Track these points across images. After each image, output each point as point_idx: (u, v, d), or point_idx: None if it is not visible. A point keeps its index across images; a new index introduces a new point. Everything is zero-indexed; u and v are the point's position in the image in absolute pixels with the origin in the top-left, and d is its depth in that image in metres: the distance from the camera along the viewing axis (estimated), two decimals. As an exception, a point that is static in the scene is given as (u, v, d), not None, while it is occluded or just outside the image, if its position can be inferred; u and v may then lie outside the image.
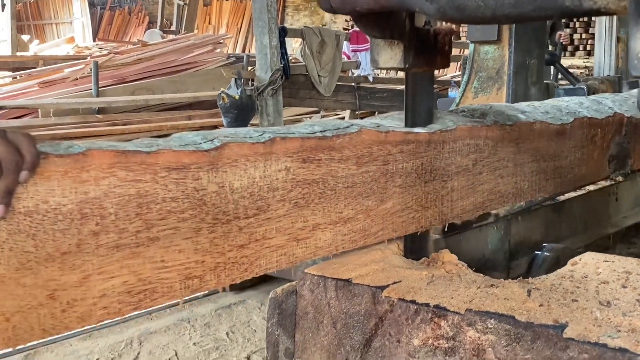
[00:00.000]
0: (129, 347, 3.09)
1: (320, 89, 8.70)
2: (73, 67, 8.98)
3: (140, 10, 20.07)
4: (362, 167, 1.46)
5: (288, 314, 1.63)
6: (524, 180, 1.97)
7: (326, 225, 1.40)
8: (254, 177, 1.26)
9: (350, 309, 1.54)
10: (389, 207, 1.55)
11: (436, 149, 1.65)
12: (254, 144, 1.26)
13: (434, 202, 1.67)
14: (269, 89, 6.67)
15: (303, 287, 1.62)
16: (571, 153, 2.18)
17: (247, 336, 3.20)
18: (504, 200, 1.91)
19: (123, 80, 8.67)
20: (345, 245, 1.46)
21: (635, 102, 2.62)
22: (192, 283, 1.18)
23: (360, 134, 1.45)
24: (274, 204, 1.30)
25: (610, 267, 1.64)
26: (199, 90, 8.71)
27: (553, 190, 2.13)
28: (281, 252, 1.33)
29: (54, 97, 8.08)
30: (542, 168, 2.04)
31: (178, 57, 9.36)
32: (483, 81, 3.75)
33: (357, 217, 1.47)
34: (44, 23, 20.54)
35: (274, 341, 1.65)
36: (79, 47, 14.95)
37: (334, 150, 1.39)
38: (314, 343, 1.59)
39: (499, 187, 1.87)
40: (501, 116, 1.89)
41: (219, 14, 18.97)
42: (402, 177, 1.57)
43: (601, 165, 2.39)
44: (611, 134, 2.41)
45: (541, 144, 2.02)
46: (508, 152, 1.88)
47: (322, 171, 1.37)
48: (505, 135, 1.86)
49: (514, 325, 1.32)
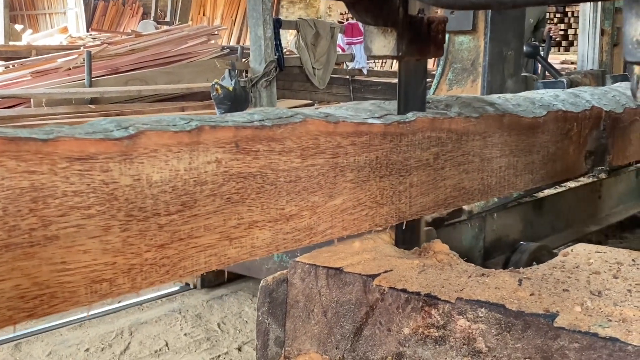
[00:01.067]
0: (119, 337, 3.07)
1: (315, 81, 8.69)
2: (66, 57, 8.93)
3: (135, 1, 19.97)
4: (307, 160, 1.35)
5: (279, 302, 1.63)
6: (491, 176, 1.88)
7: (265, 223, 1.29)
8: (177, 169, 1.14)
9: (341, 297, 1.54)
10: (339, 203, 1.44)
11: (393, 142, 1.56)
12: (177, 132, 1.14)
13: (390, 198, 1.57)
14: (263, 81, 6.66)
15: (294, 276, 1.61)
16: (544, 148, 2.09)
17: (239, 327, 3.19)
18: (470, 196, 1.81)
19: (116, 70, 8.62)
20: (288, 244, 1.34)
21: (614, 95, 2.56)
22: (101, 287, 1.07)
23: (305, 124, 1.34)
24: (202, 200, 1.18)
25: (602, 258, 1.64)
26: (192, 82, 8.68)
27: (524, 187, 2.04)
28: (210, 252, 1.21)
29: (46, 87, 8.03)
30: (512, 163, 1.95)
31: (172, 48, 9.32)
32: (458, 73, 3.59)
33: (302, 214, 1.36)
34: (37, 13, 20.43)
35: (265, 330, 1.64)
36: (72, 37, 14.87)
37: (274, 141, 1.29)
38: (305, 332, 1.58)
39: (463, 182, 1.78)
40: (467, 108, 1.80)
41: (213, 5, 18.90)
42: (353, 171, 1.47)
43: (577, 161, 2.30)
44: (588, 129, 2.33)
45: (511, 137, 1.94)
46: (474, 146, 1.80)
47: (260, 164, 1.26)
48: (471, 128, 1.77)
49: (505, 314, 1.31)
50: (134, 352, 2.93)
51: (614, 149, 2.48)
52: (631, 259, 1.64)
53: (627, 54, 0.94)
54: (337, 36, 9.37)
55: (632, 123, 2.57)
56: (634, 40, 0.93)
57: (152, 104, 8.29)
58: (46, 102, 7.65)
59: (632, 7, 0.92)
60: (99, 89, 8.01)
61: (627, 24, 0.93)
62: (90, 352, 2.92)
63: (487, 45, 3.47)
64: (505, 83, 3.54)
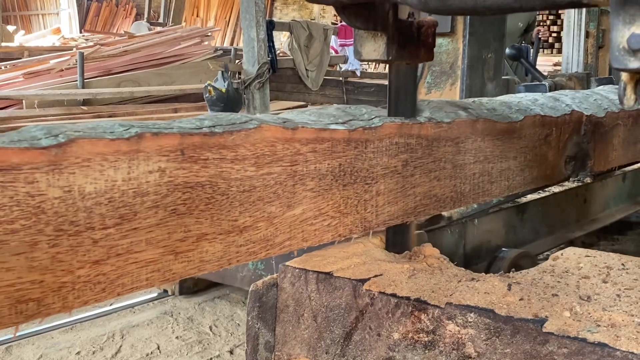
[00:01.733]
0: (110, 340, 3.06)
1: (308, 82, 8.69)
2: (58, 58, 8.92)
3: (128, 2, 19.95)
4: (263, 168, 1.29)
5: (268, 307, 1.62)
6: (464, 183, 1.82)
7: (215, 236, 1.22)
8: (114, 179, 1.06)
9: (331, 302, 1.53)
10: (299, 213, 1.38)
11: (357, 149, 1.49)
12: (113, 140, 1.06)
13: (355, 207, 1.51)
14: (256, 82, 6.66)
15: (284, 280, 1.61)
16: (521, 154, 2.03)
17: (231, 330, 3.18)
18: (441, 204, 1.76)
19: (109, 72, 8.61)
20: (241, 258, 1.28)
21: (596, 99, 2.50)
22: (27, 307, 0.99)
23: (260, 130, 1.28)
24: (143, 212, 1.11)
25: (592, 262, 1.64)
26: (185, 83, 8.67)
27: (500, 194, 1.99)
28: (153, 267, 1.14)
29: (38, 88, 8.02)
30: (487, 170, 1.89)
31: (165, 49, 9.31)
32: (436, 76, 3.46)
33: (257, 225, 1.29)
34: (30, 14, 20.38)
35: (254, 334, 1.64)
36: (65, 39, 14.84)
37: (225, 149, 1.22)
38: (295, 336, 1.58)
39: (434, 190, 1.72)
40: (439, 113, 1.75)
41: (207, 6, 18.89)
42: (314, 179, 1.40)
43: (557, 167, 2.23)
44: (568, 134, 2.26)
45: (485, 143, 1.87)
46: (446, 152, 1.74)
47: (210, 173, 1.19)
48: (442, 133, 1.72)
49: (494, 319, 1.31)
50: (126, 355, 2.92)
51: (595, 154, 2.42)
52: (621, 263, 1.64)
53: (614, 61, 0.94)
54: (330, 38, 9.38)
55: (614, 127, 2.52)
56: (620, 46, 0.93)
57: (144, 105, 8.28)
58: (38, 104, 7.63)
59: (619, 14, 0.92)
60: (91, 90, 8.00)
61: (614, 31, 0.93)
62: (81, 355, 2.91)
63: (466, 47, 3.37)
64: (486, 86, 3.46)
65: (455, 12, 1.12)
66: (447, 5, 1.12)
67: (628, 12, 0.92)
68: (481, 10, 1.09)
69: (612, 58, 0.94)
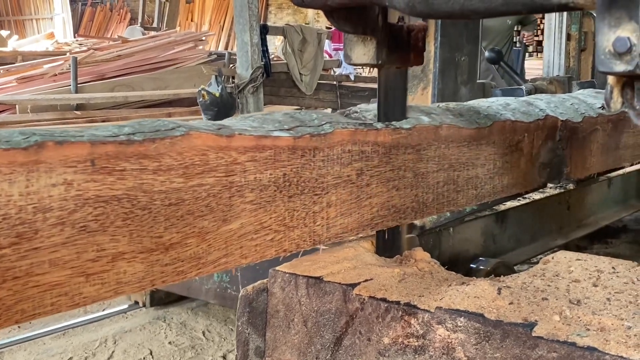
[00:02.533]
0: (103, 345, 3.05)
1: (302, 87, 8.69)
2: (52, 63, 8.89)
3: (122, 6, 19.94)
4: (192, 180, 1.18)
5: (258, 312, 1.62)
6: (427, 192, 1.73)
7: (135, 255, 1.11)
8: (9, 194, 0.96)
9: (321, 307, 1.53)
10: (236, 228, 1.27)
11: (305, 157, 1.40)
12: (7, 150, 0.96)
13: (302, 220, 1.41)
14: (250, 87, 6.66)
15: (274, 285, 1.60)
16: (490, 161, 1.93)
17: (224, 335, 3.17)
18: (401, 215, 1.67)
19: (103, 76, 8.59)
20: (168, 278, 1.17)
21: (573, 103, 2.43)
22: None
23: (189, 137, 1.17)
24: (45, 230, 1.00)
25: (583, 266, 1.64)
26: (179, 88, 8.65)
27: (466, 203, 1.90)
28: (59, 291, 1.03)
29: (32, 93, 7.99)
30: (452, 178, 1.81)
31: (159, 53, 9.29)
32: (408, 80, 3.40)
33: (187, 242, 1.18)
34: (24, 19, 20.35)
35: (244, 340, 1.63)
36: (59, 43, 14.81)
37: (146, 158, 1.11)
38: (285, 341, 1.57)
39: (393, 200, 1.63)
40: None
41: (201, 11, 18.89)
42: (254, 191, 1.30)
43: (529, 174, 2.14)
44: (542, 140, 2.16)
45: (450, 150, 1.78)
46: (406, 160, 1.65)
47: (127, 185, 1.08)
48: (402, 140, 1.63)
49: (484, 323, 1.31)
50: (117, 361, 2.91)
51: (572, 160, 2.33)
52: (611, 266, 1.64)
53: (600, 64, 0.94)
54: (324, 42, 9.38)
55: (592, 133, 2.43)
56: (606, 50, 0.93)
57: (138, 110, 8.27)
58: (31, 109, 7.61)
59: (604, 18, 0.92)
60: (85, 95, 7.98)
61: (600, 34, 0.93)
62: (73, 361, 2.90)
63: (438, 50, 3.19)
64: (459, 90, 3.32)
65: (442, 16, 1.12)
66: (434, 9, 1.12)
67: (614, 15, 0.92)
68: (468, 13, 1.09)
69: (598, 61, 0.94)
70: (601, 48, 0.94)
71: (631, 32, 0.91)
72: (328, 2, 1.41)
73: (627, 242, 4.49)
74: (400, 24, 1.64)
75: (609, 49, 0.93)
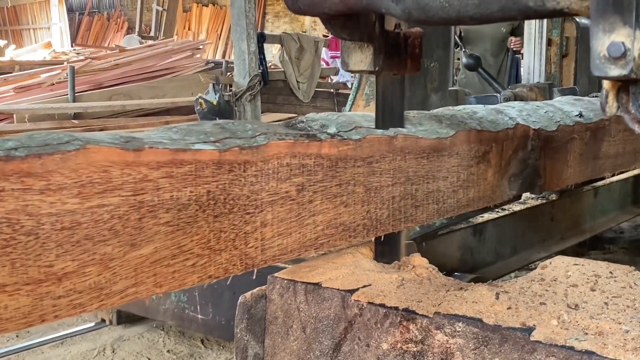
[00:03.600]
0: (101, 354, 3.05)
1: (299, 94, 8.71)
2: (49, 73, 8.91)
3: (119, 16, 19.99)
4: (91, 200, 1.05)
5: (257, 319, 1.62)
6: (381, 208, 1.59)
7: (19, 287, 0.97)
8: None
9: (320, 313, 1.53)
10: (148, 253, 1.13)
11: (233, 172, 1.25)
12: None
13: (231, 242, 1.27)
14: (247, 95, 6.67)
15: (272, 292, 1.61)
16: (453, 173, 1.80)
17: (222, 343, 3.17)
18: (351, 233, 1.53)
19: (100, 85, 8.60)
20: (62, 312, 1.03)
21: (548, 111, 2.27)
22: None
23: (86, 152, 1.03)
24: None
25: (580, 271, 1.65)
26: (177, 96, 8.67)
27: (427, 219, 1.76)
28: None
29: (29, 103, 8.00)
30: (410, 192, 1.67)
31: (156, 62, 9.31)
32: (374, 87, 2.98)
33: (85, 270, 1.05)
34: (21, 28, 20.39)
35: (243, 347, 1.63)
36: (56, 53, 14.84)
37: (30, 177, 0.98)
38: (284, 348, 1.57)
39: (342, 217, 1.49)
40: (347, 128, 1.52)
41: (198, 20, 18.94)
42: (171, 211, 1.15)
43: (498, 187, 2.00)
44: (512, 150, 2.02)
45: (407, 162, 1.65)
46: (356, 174, 1.51)
47: (7, 208, 0.96)
48: (350, 152, 1.49)
49: (482, 328, 1.31)
50: (116, 369, 2.91)
51: (546, 171, 2.18)
52: (609, 271, 1.64)
53: (595, 69, 0.95)
54: (321, 50, 9.41)
55: (568, 142, 2.29)
56: (601, 54, 0.94)
57: (136, 118, 8.28)
58: (29, 118, 7.62)
59: (598, 23, 0.93)
60: (82, 104, 7.99)
61: (594, 39, 0.94)
62: (71, 370, 2.90)
63: None
64: (430, 98, 3.10)
65: (439, 23, 1.13)
66: (430, 16, 1.13)
67: (608, 20, 0.93)
68: (464, 20, 1.10)
69: (593, 66, 0.95)
70: (596, 53, 0.94)
71: (625, 36, 0.91)
72: (325, 10, 1.42)
73: (625, 249, 4.51)
74: (397, 31, 1.65)
75: (603, 54, 0.93)
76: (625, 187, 3.81)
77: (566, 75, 4.20)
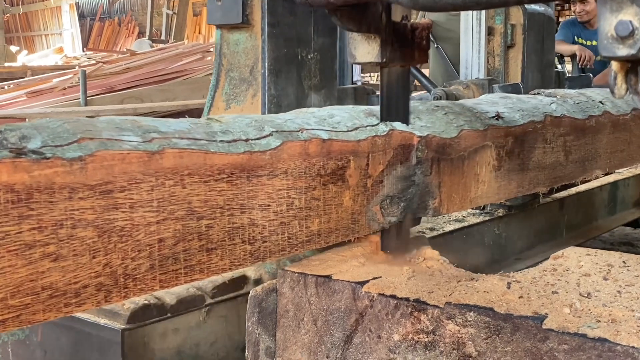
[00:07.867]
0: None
1: (309, 95, 8.71)
2: (61, 77, 8.98)
3: (130, 20, 20.10)
4: None
5: (268, 312, 1.62)
6: (136, 257, 1.10)
7: None
8: None
9: (331, 305, 1.53)
10: None
11: None
12: None
13: None
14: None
15: (283, 285, 1.60)
16: (281, 199, 1.36)
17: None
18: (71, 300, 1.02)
19: (112, 89, 8.66)
20: None
21: (446, 114, 1.82)
22: None
23: None
24: None
25: (593, 261, 1.63)
26: (188, 99, 8.71)
27: (231, 266, 1.28)
28: None
29: (41, 107, 8.06)
30: (197, 230, 1.20)
31: (167, 65, 9.36)
32: (235, 85, 2.37)
33: None
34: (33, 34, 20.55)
35: (255, 340, 1.63)
36: (68, 57, 14.94)
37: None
38: (295, 341, 1.57)
39: (48, 278, 0.99)
40: (63, 141, 1.03)
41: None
42: None
43: (362, 214, 1.58)
44: (384, 165, 1.59)
45: (189, 189, 1.17)
46: (75, 210, 1.01)
47: None
48: (62, 178, 1.00)
49: (493, 317, 1.30)
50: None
51: (443, 190, 1.74)
52: (622, 260, 1.63)
53: (603, 49, 0.94)
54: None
55: (477, 151, 1.83)
56: (609, 35, 0.93)
57: (147, 121, 8.32)
58: (41, 122, 7.67)
59: (605, 2, 0.92)
60: (94, 107, 8.04)
61: (602, 19, 0.93)
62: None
63: (265, 44, 2.27)
64: (307, 98, 2.42)
65: (445, 9, 1.12)
66: (437, 2, 1.13)
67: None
68: (471, 5, 1.09)
69: (601, 47, 0.94)
70: (603, 33, 0.94)
71: (633, 15, 0.91)
72: (332, 0, 1.42)
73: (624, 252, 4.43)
74: (404, 22, 1.64)
75: (611, 34, 0.93)
76: (601, 194, 3.34)
77: (513, 69, 3.54)
